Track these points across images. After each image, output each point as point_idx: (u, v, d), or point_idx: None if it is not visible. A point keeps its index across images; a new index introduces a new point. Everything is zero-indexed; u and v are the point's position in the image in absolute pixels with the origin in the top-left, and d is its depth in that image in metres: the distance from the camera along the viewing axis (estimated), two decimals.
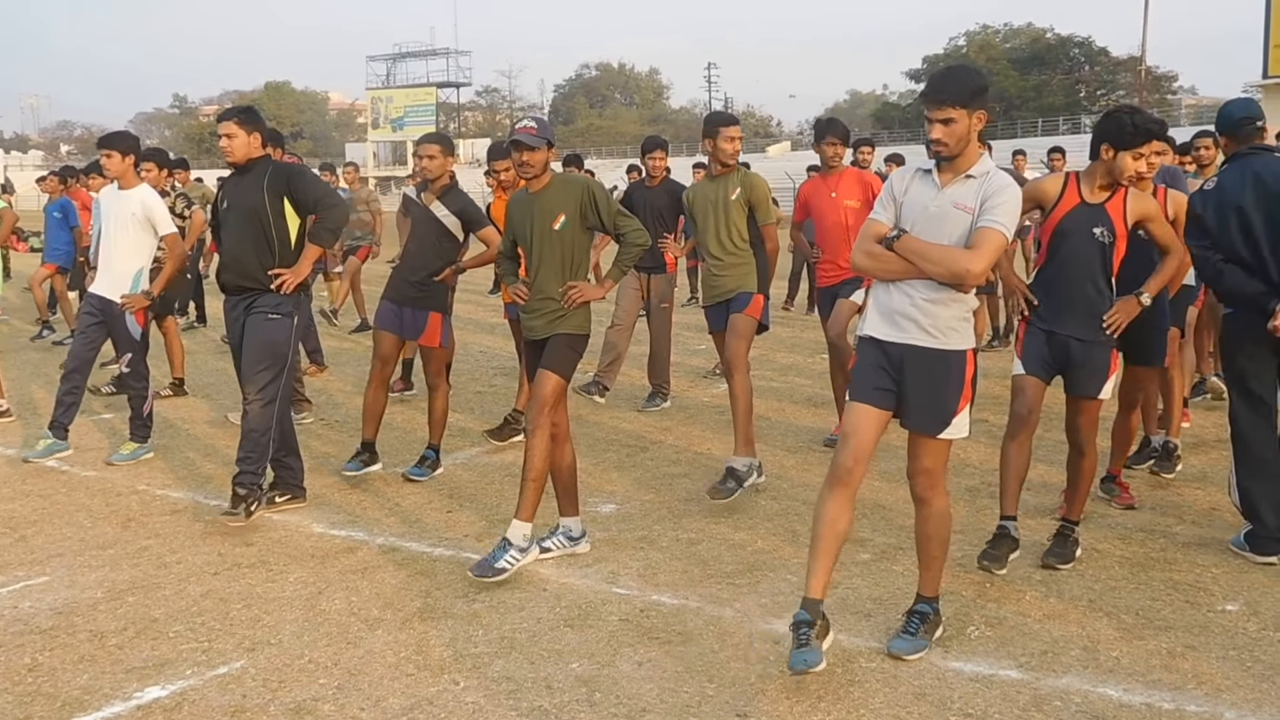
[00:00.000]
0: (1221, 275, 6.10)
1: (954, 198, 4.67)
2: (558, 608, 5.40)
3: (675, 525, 6.67)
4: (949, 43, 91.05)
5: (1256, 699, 4.44)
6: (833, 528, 4.67)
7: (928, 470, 4.85)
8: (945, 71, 4.79)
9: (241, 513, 6.59)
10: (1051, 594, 5.55)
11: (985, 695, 4.50)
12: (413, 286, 7.72)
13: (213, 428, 9.40)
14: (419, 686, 4.59)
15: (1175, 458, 7.61)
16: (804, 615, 4.57)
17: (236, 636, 5.10)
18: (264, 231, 6.80)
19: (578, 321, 6.13)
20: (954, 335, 4.69)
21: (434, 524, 6.74)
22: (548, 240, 6.09)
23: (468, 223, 7.78)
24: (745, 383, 7.33)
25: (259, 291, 6.83)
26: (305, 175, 7.09)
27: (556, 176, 6.18)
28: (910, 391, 4.73)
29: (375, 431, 7.81)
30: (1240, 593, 5.54)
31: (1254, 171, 6.00)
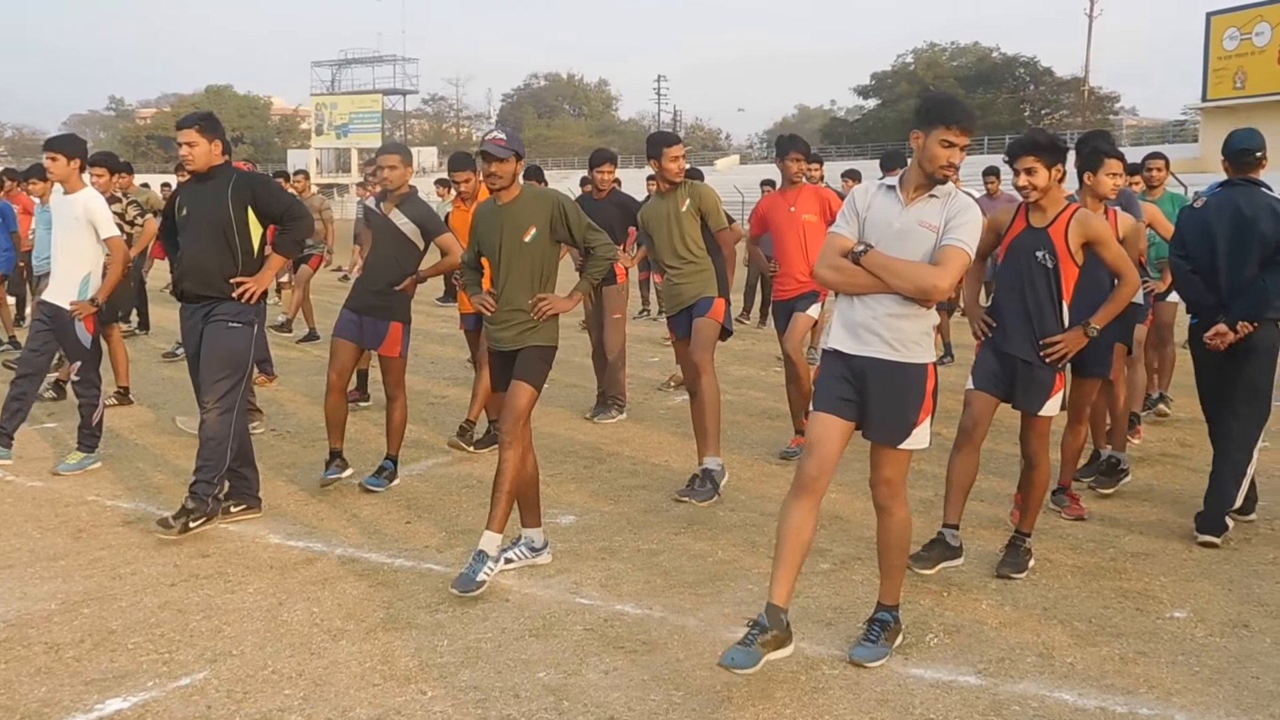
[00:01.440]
0: (1187, 283, 6.85)
1: (919, 215, 4.76)
2: (522, 618, 5.40)
3: (636, 536, 6.68)
4: (897, 60, 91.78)
5: (1205, 702, 4.54)
6: (798, 535, 4.71)
7: (889, 480, 4.92)
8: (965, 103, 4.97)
9: (177, 527, 6.51)
10: (1007, 603, 5.63)
11: (945, 701, 4.56)
12: (374, 296, 7.70)
13: (161, 437, 9.30)
14: (386, 696, 4.57)
15: (1119, 472, 7.70)
16: (762, 619, 4.61)
17: (197, 648, 5.05)
18: (227, 240, 6.75)
19: (547, 333, 6.14)
20: (916, 349, 4.77)
21: (393, 535, 6.71)
22: (517, 252, 6.09)
23: (426, 231, 7.77)
24: (713, 384, 7.49)
25: (219, 300, 6.78)
26: (270, 185, 7.07)
27: (526, 189, 6.20)
28: (872, 403, 4.80)
29: (341, 439, 7.79)
30: (1188, 600, 5.65)
31: (1236, 202, 6.63)
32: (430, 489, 7.74)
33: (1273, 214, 6.53)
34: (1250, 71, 48.12)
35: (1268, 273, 6.48)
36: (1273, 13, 47.08)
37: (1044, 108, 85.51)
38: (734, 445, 8.95)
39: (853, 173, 14.35)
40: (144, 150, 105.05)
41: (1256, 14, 48.02)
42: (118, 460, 8.48)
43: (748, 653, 4.47)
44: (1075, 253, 5.91)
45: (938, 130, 4.72)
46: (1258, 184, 6.75)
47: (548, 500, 7.17)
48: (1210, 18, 50.28)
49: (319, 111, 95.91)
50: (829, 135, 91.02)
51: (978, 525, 6.76)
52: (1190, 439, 9.06)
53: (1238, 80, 48.70)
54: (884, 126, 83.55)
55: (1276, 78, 46.81)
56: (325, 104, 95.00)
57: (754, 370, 12.83)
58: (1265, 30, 47.43)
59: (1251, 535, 6.63)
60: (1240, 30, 48.63)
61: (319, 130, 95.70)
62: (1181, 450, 8.77)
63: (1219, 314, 6.58)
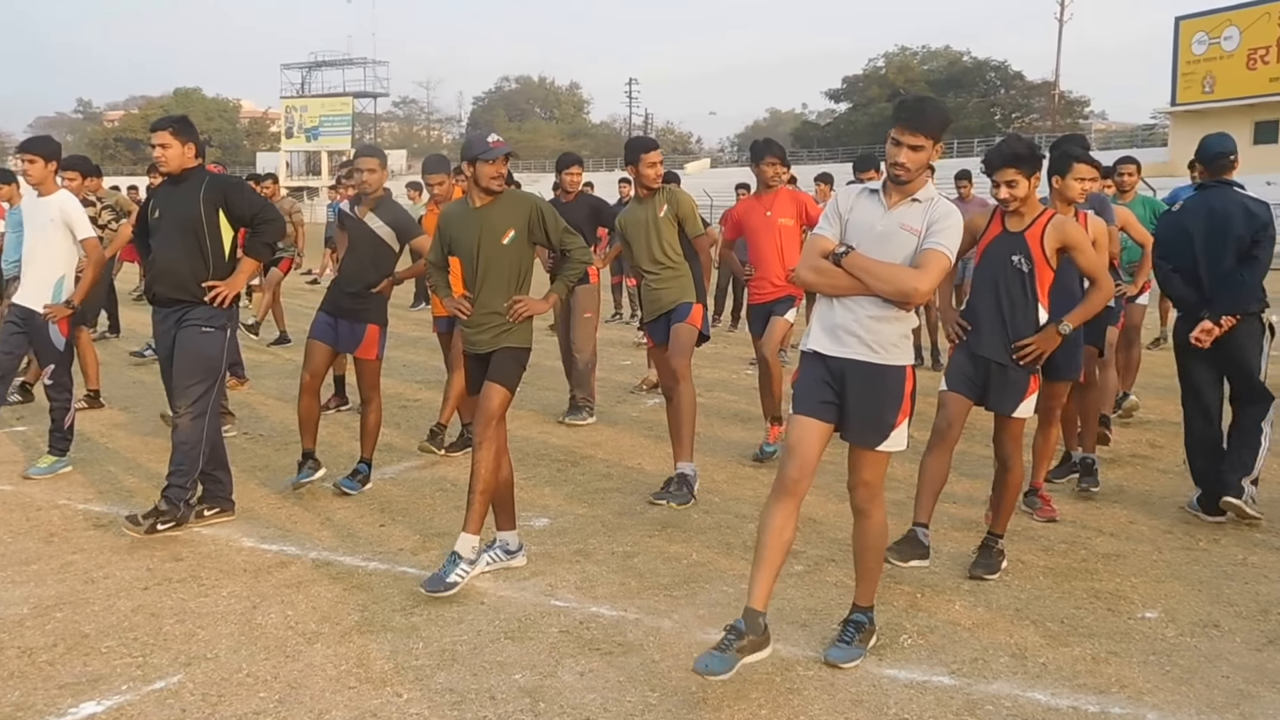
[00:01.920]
0: (1169, 282, 7.27)
1: (901, 219, 4.77)
2: (497, 620, 5.40)
3: (610, 539, 6.69)
4: (868, 64, 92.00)
5: (1176, 701, 4.58)
6: (778, 538, 4.71)
7: (867, 482, 4.95)
8: (923, 101, 4.87)
9: (145, 526, 6.53)
10: (980, 604, 5.66)
11: (920, 701, 4.59)
12: (350, 299, 7.69)
13: (132, 440, 9.26)
14: (362, 699, 4.57)
15: (1095, 471, 7.77)
16: (739, 624, 4.60)
17: (171, 651, 5.03)
18: (199, 243, 6.74)
19: (522, 335, 6.15)
20: (894, 351, 4.80)
21: (367, 538, 6.70)
22: (495, 255, 6.08)
23: (402, 233, 7.76)
24: (689, 391, 7.53)
25: (191, 304, 6.76)
26: (243, 188, 7.03)
27: (505, 191, 6.19)
28: (851, 405, 4.82)
29: (314, 440, 7.77)
30: (1159, 601, 5.69)
31: (1210, 204, 7.04)
32: (404, 492, 7.73)
33: (1245, 211, 6.91)
34: (1219, 76, 48.56)
35: (1245, 268, 6.87)
36: (1241, 17, 47.53)
37: (1014, 111, 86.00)
38: (707, 448, 8.96)
39: (825, 176, 14.36)
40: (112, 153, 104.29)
41: (1225, 18, 48.47)
42: (89, 464, 8.44)
43: (723, 658, 4.46)
44: (1051, 257, 5.96)
45: (891, 130, 4.79)
46: (1231, 184, 7.13)
47: (522, 503, 7.17)
48: (1179, 22, 50.72)
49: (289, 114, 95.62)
50: (800, 139, 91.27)
51: (950, 527, 6.80)
52: (1160, 440, 9.14)
53: (1206, 85, 49.13)
54: (855, 130, 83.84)
55: (1245, 82, 47.27)
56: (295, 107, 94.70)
57: (726, 374, 12.86)
58: (1233, 35, 47.87)
59: (1220, 537, 6.69)
60: (1209, 35, 49.07)
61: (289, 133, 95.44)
62: (1151, 451, 8.84)
63: (1202, 309, 6.92)
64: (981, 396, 6.11)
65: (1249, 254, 6.86)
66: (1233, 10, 48.25)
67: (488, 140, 6.10)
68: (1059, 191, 6.63)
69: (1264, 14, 46.49)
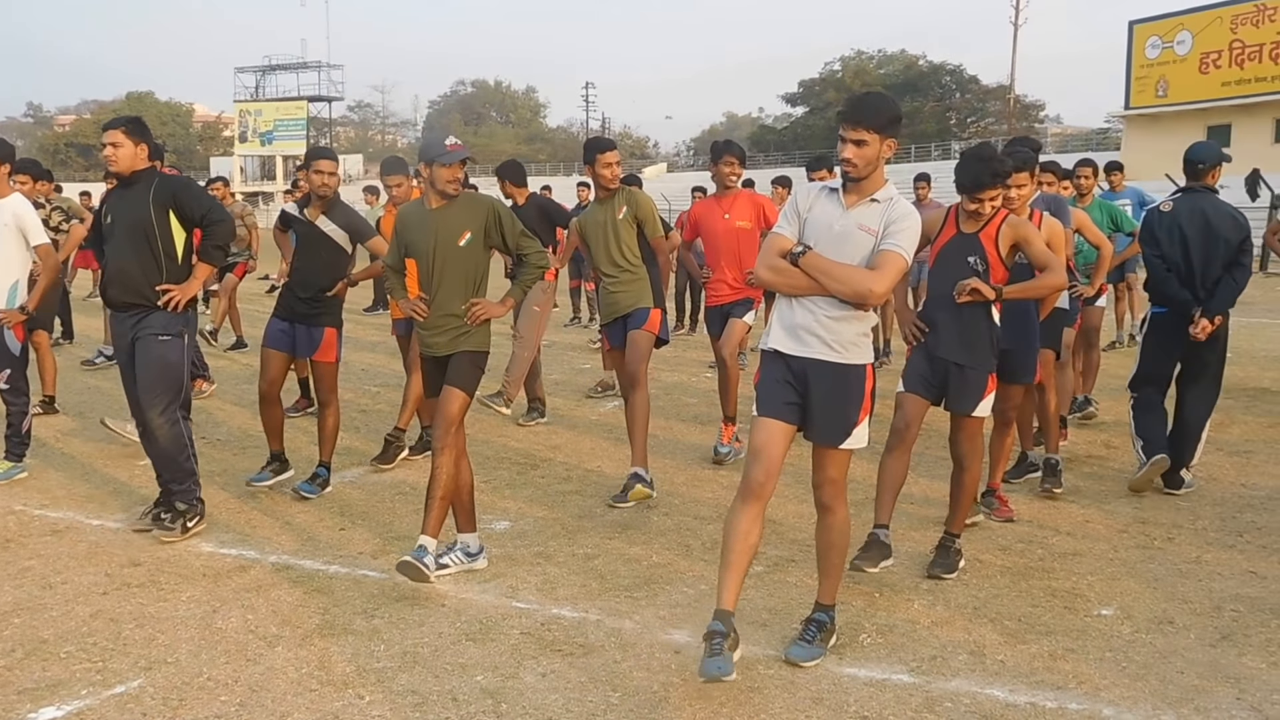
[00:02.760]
0: (1163, 280, 7.70)
1: (859, 219, 4.79)
2: (458, 622, 5.40)
3: (570, 541, 6.70)
4: (824, 68, 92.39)
5: (1132, 696, 4.64)
6: (745, 540, 4.76)
7: (832, 480, 4.98)
8: (865, 96, 4.89)
9: (178, 528, 6.61)
10: (938, 602, 5.71)
11: (880, 699, 4.62)
12: (305, 303, 7.66)
13: (87, 445, 9.18)
14: (324, 702, 4.56)
15: (1058, 472, 7.86)
16: (718, 626, 4.63)
17: (131, 656, 5.01)
18: (150, 246, 6.67)
19: (480, 339, 6.16)
20: (855, 350, 4.84)
21: (327, 542, 6.68)
22: (451, 257, 6.09)
23: (355, 235, 7.75)
24: (645, 398, 7.52)
25: (147, 309, 6.71)
26: (192, 188, 6.94)
27: (461, 194, 6.18)
28: (814, 405, 4.86)
29: (280, 442, 7.79)
30: (1114, 598, 5.76)
31: (1202, 208, 7.61)
32: (363, 496, 7.71)
33: (1234, 221, 7.59)
34: (1172, 80, 49.01)
35: (1235, 272, 7.54)
36: (1193, 21, 48.00)
37: (970, 115, 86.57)
38: (666, 450, 8.99)
39: (783, 179, 14.40)
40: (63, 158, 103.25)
41: (1178, 23, 48.92)
42: (44, 469, 8.36)
43: (723, 660, 4.50)
44: (1005, 257, 6.02)
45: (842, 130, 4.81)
46: (1212, 189, 7.78)
47: (482, 506, 7.18)
48: (1132, 26, 51.13)
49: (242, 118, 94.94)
50: (757, 143, 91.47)
51: (908, 527, 6.85)
52: (1115, 441, 9.22)
53: (1160, 88, 49.57)
54: (812, 134, 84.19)
55: (1197, 86, 47.72)
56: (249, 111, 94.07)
57: (685, 376, 12.87)
58: (1186, 39, 48.33)
59: (1175, 535, 6.77)
60: (1162, 39, 49.51)
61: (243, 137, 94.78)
62: (1107, 452, 8.93)
63: (1193, 308, 7.54)
64: (939, 397, 6.16)
65: (1236, 260, 7.54)
66: (1185, 14, 48.70)
67: (445, 143, 6.09)
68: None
69: (1215, 18, 46.98)
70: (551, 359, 13.56)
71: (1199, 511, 7.23)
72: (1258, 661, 4.96)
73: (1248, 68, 45.94)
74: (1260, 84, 45.34)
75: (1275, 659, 4.98)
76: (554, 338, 14.86)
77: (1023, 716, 4.46)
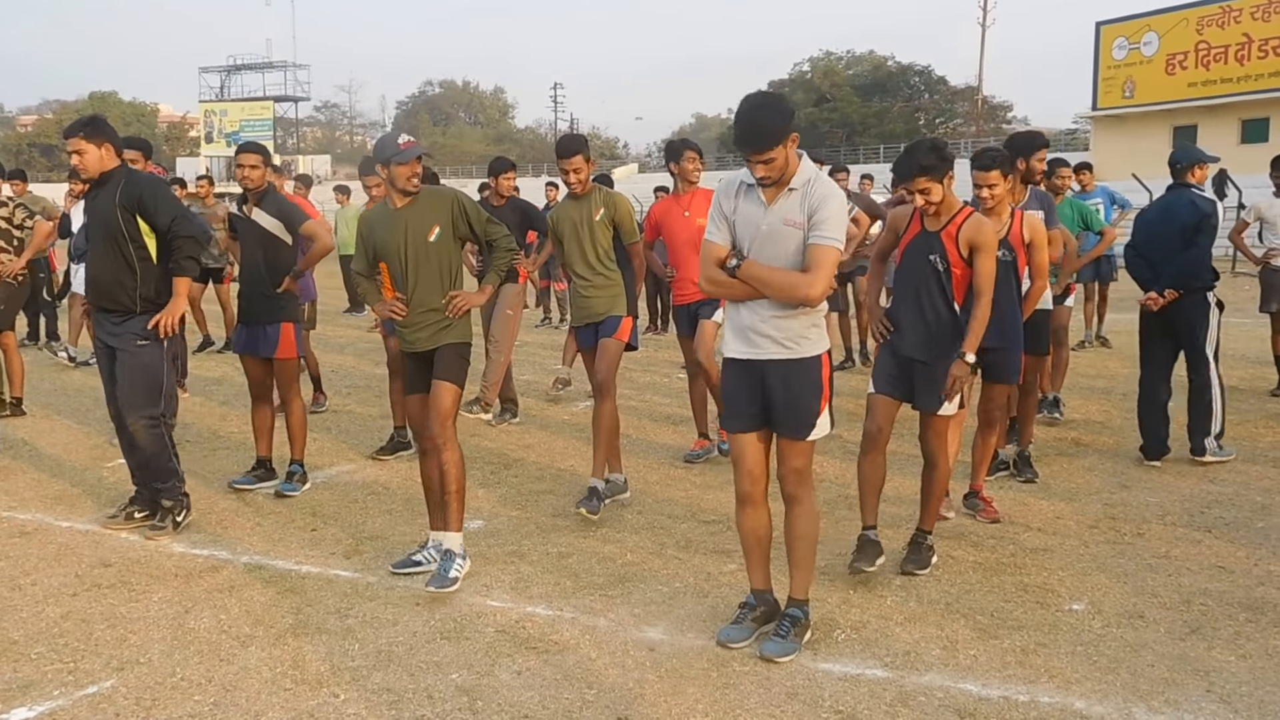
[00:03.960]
0: (1131, 265, 8.73)
1: (782, 214, 4.78)
2: (432, 621, 5.40)
3: (544, 540, 6.70)
4: (794, 68, 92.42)
5: (1103, 690, 4.67)
6: (754, 535, 5.14)
7: (798, 470, 5.00)
8: (753, 125, 4.71)
9: (169, 525, 6.65)
10: (911, 598, 5.74)
11: (854, 693, 4.65)
12: (257, 302, 7.62)
13: (56, 447, 9.13)
14: (298, 700, 4.55)
15: (1032, 463, 8.02)
16: (750, 599, 5.21)
17: (103, 657, 4.99)
18: (120, 249, 6.59)
19: (462, 330, 6.18)
20: (807, 343, 4.86)
21: (299, 542, 6.66)
22: (424, 253, 6.08)
23: (288, 222, 7.66)
24: (612, 408, 7.38)
25: (125, 313, 6.64)
26: (158, 195, 6.71)
27: (423, 189, 6.17)
28: (776, 402, 4.90)
29: (269, 447, 7.78)
30: (1085, 593, 5.80)
31: (1168, 201, 8.63)
32: (334, 496, 7.68)
33: (1191, 206, 8.42)
34: (1139, 81, 49.28)
35: (1190, 249, 8.32)
36: (1160, 22, 48.28)
37: (938, 116, 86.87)
38: (639, 450, 9.01)
39: None
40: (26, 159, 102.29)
41: (1145, 24, 49.19)
42: (12, 470, 8.31)
43: (739, 628, 5.06)
44: (966, 257, 6.03)
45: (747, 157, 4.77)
46: (1190, 186, 8.60)
47: None
48: (1100, 27, 51.37)
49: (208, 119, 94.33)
50: (726, 144, 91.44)
51: (880, 525, 6.83)
52: (1085, 438, 9.28)
53: (1127, 89, 49.85)
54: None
55: (1164, 87, 48.01)
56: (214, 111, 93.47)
57: (657, 377, 12.89)
58: (1153, 40, 48.61)
59: (1144, 531, 6.81)
60: (1129, 40, 49.77)
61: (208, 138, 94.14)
62: (1076, 449, 8.98)
63: (1151, 286, 8.42)
64: (908, 394, 6.17)
65: (1193, 240, 8.31)
66: (1152, 16, 48.96)
67: (398, 142, 6.08)
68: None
69: (1182, 19, 47.27)
70: (523, 360, 13.53)
71: (1167, 507, 7.28)
72: (1226, 654, 5.00)
73: (1213, 69, 46.27)
74: (1226, 85, 45.66)
75: (1243, 652, 5.03)
76: (525, 338, 14.82)
77: (995, 710, 4.49)
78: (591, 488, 7.21)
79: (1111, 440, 9.24)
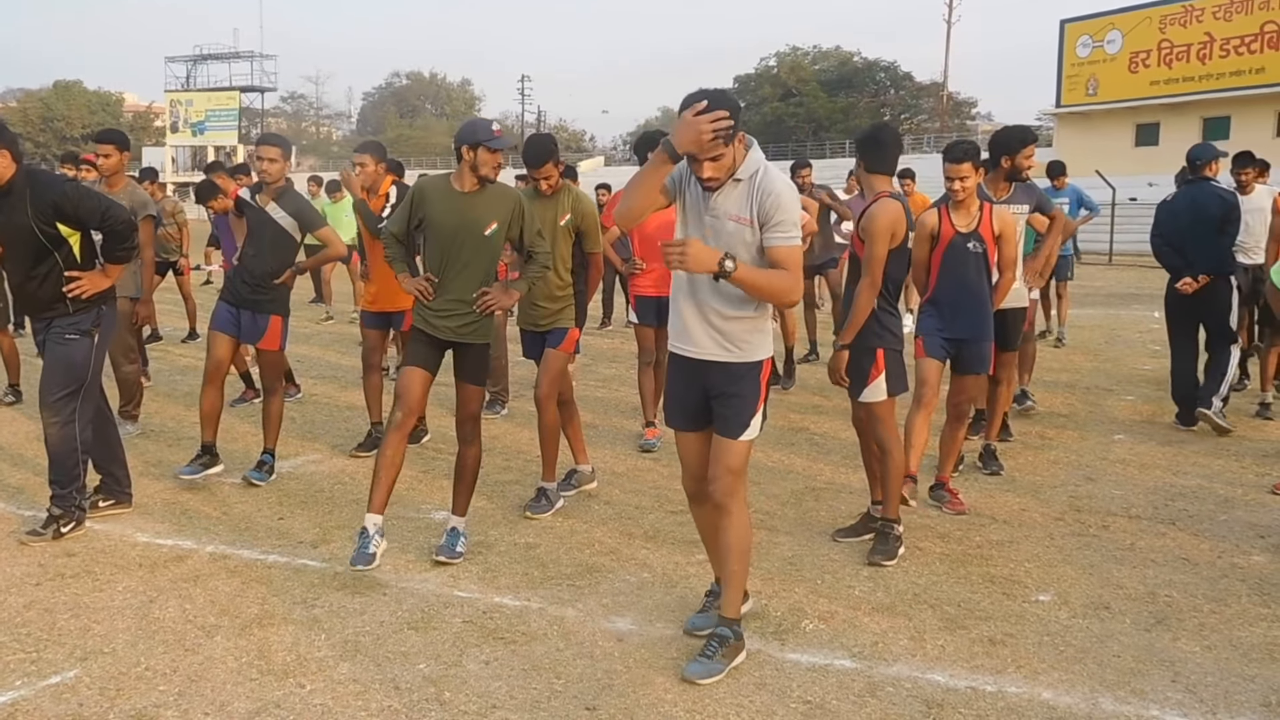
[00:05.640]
0: (1162, 253, 9.65)
1: (726, 209, 4.60)
2: (399, 611, 5.37)
3: (511, 530, 6.68)
4: (760, 63, 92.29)
5: (1069, 680, 4.70)
6: (712, 527, 4.99)
7: (730, 469, 4.77)
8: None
9: (49, 533, 6.38)
10: (879, 589, 5.75)
11: (822, 684, 4.65)
12: (251, 290, 7.59)
13: (15, 437, 9.05)
14: (264, 690, 4.52)
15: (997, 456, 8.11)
16: (714, 588, 5.25)
17: (66, 646, 4.93)
18: (37, 258, 6.30)
19: (488, 330, 6.23)
20: (749, 347, 4.75)
21: (265, 531, 6.62)
22: (475, 244, 6.05)
23: (304, 224, 7.68)
24: (554, 418, 7.26)
25: (56, 313, 6.43)
26: (69, 193, 6.28)
27: (489, 183, 6.09)
28: (714, 401, 4.82)
29: (214, 434, 7.69)
30: (1052, 584, 5.83)
31: (1194, 194, 9.46)
32: (302, 486, 7.64)
33: (1219, 199, 9.35)
34: (1102, 78, 49.57)
35: (1220, 239, 9.27)
36: (1124, 20, 48.58)
37: (904, 112, 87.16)
38: (607, 440, 9.01)
39: None
40: None
41: (1108, 22, 49.48)
42: None
43: (705, 616, 5.12)
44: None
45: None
46: (1209, 180, 9.52)
47: (420, 495, 7.21)
48: (1064, 25, 51.65)
49: (173, 108, 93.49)
50: None
51: (847, 516, 6.89)
52: (1049, 433, 9.34)
53: (1090, 87, 50.14)
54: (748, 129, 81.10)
55: (1127, 85, 48.33)
56: (180, 101, 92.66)
57: (624, 369, 12.86)
58: (1116, 38, 48.91)
59: (1110, 523, 6.85)
60: (1093, 38, 50.05)
61: (174, 128, 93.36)
62: (1042, 443, 9.03)
63: (1185, 271, 9.33)
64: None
65: (1221, 229, 9.25)
66: (1115, 14, 49.24)
67: (493, 128, 6.02)
68: None
69: (1145, 18, 47.57)
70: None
71: (1132, 500, 7.33)
72: (1191, 645, 5.04)
73: (1176, 67, 46.62)
74: (1188, 84, 46.02)
75: (1208, 642, 5.07)
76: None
77: (963, 701, 4.50)
78: (540, 489, 7.19)
79: (1076, 433, 9.30)
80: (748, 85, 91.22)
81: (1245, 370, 11.13)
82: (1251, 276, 10.29)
